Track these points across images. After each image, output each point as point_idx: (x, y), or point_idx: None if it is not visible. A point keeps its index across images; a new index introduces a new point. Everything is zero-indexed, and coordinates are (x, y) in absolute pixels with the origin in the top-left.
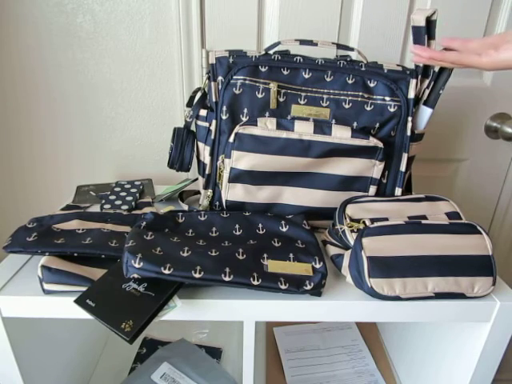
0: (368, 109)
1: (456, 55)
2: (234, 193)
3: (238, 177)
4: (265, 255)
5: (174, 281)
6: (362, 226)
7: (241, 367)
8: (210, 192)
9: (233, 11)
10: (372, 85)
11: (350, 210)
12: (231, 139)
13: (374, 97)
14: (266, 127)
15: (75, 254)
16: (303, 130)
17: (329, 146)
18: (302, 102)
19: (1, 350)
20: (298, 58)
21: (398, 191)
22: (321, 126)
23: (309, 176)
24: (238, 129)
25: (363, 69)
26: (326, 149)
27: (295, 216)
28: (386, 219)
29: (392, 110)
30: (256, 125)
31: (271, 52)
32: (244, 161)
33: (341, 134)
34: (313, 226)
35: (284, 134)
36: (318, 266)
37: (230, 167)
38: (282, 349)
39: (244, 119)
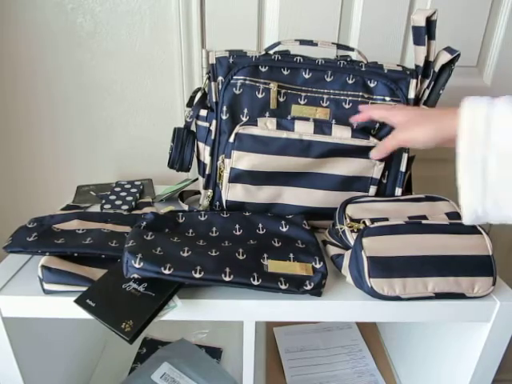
0: None
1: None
2: (234, 193)
3: (238, 177)
4: (265, 255)
5: (174, 281)
6: (362, 226)
7: (241, 367)
8: (210, 192)
9: (233, 11)
10: (372, 85)
11: (350, 210)
12: (231, 139)
13: (374, 97)
14: (266, 127)
15: (75, 254)
16: (303, 130)
17: (329, 145)
18: (302, 102)
19: (1, 349)
20: (298, 58)
21: (398, 191)
22: (321, 126)
23: (309, 176)
24: (238, 129)
25: (363, 69)
26: (326, 149)
27: (295, 216)
28: (386, 219)
29: None
30: (256, 125)
31: (271, 52)
32: (244, 161)
33: (341, 134)
34: (313, 226)
35: (284, 134)
36: (318, 265)
37: (230, 167)
38: (282, 349)
39: (244, 119)
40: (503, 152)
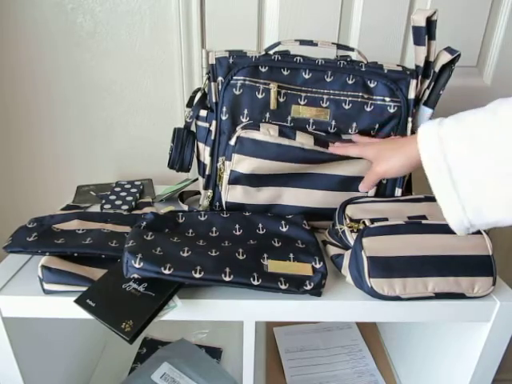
0: (368, 109)
1: (358, 150)
2: (233, 194)
3: (237, 179)
4: (265, 255)
5: (174, 281)
6: (361, 227)
7: (241, 367)
8: (210, 192)
9: (233, 11)
10: (372, 85)
11: (350, 210)
12: (232, 142)
13: (374, 97)
14: (269, 133)
15: (75, 254)
16: (304, 141)
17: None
18: (302, 103)
19: (1, 350)
20: (298, 58)
21: (398, 191)
22: (321, 140)
23: (309, 176)
24: (240, 132)
25: (363, 69)
26: (327, 155)
27: (295, 216)
28: (386, 219)
29: (392, 110)
30: (258, 129)
31: (271, 52)
32: (244, 164)
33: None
34: (313, 226)
35: (286, 141)
36: (318, 265)
37: (230, 170)
38: (282, 349)
39: (244, 120)
40: (460, 166)
